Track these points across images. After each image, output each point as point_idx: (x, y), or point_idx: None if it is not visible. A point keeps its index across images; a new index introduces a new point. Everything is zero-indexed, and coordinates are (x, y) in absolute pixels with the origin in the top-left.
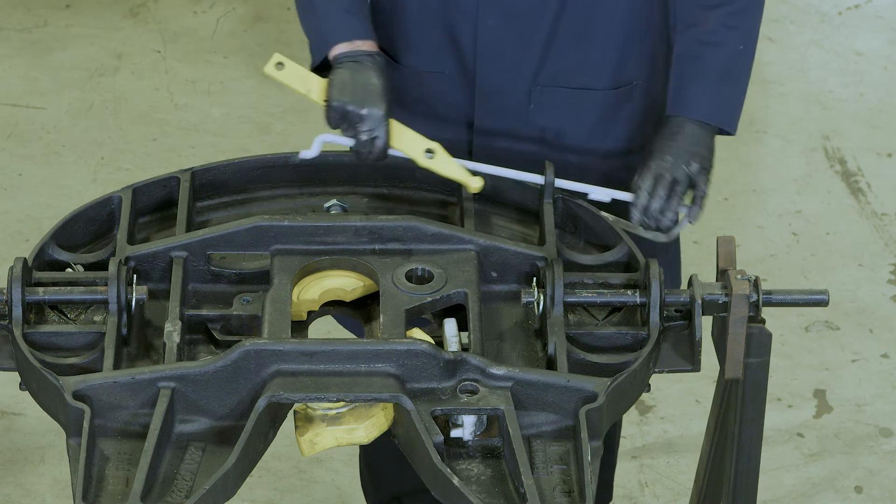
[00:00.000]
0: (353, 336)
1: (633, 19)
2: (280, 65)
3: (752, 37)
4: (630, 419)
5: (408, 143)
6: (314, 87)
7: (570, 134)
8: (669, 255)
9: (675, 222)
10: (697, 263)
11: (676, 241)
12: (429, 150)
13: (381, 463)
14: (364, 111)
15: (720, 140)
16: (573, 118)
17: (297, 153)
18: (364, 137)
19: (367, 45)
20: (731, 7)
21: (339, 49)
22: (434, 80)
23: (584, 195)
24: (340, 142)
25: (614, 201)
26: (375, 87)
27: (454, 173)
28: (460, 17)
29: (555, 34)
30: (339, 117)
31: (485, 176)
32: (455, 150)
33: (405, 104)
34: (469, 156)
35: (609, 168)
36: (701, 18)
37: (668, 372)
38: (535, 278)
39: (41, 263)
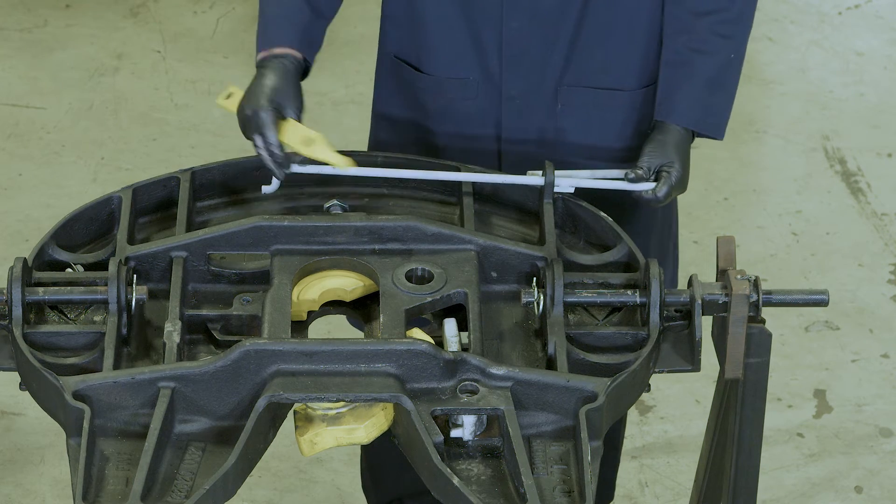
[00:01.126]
0: (357, 334)
1: (655, 18)
2: (231, 95)
3: (742, 45)
4: (630, 419)
5: (291, 135)
6: None
7: (598, 135)
8: (667, 255)
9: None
10: (697, 263)
11: (675, 241)
12: (308, 140)
13: (382, 465)
14: (249, 111)
15: (719, 141)
16: (600, 119)
17: (296, 153)
18: (257, 138)
19: (282, 50)
20: (722, 15)
21: (258, 56)
22: (458, 87)
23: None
24: (302, 170)
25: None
26: (265, 87)
27: (330, 159)
28: (483, 21)
29: (579, 34)
30: (242, 126)
31: (483, 181)
32: (483, 149)
33: (429, 113)
34: (498, 163)
35: (634, 157)
36: (691, 25)
37: (668, 372)
38: (535, 278)
39: (41, 263)
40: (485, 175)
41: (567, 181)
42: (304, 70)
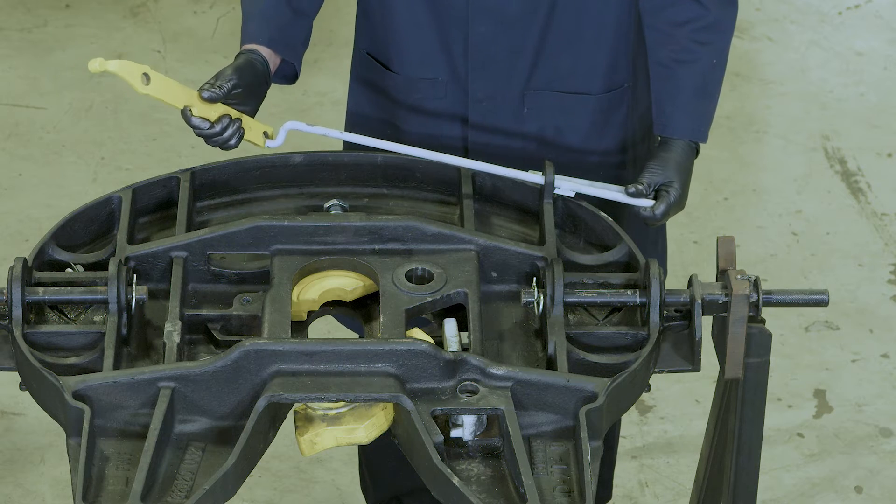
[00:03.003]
0: (353, 335)
1: (621, 22)
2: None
3: (724, 50)
4: (630, 419)
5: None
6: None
7: (565, 138)
8: (658, 246)
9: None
10: (697, 263)
11: (663, 231)
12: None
13: (380, 463)
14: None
15: (720, 140)
16: (567, 122)
17: (296, 153)
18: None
19: (253, 46)
20: (699, 23)
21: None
22: (427, 87)
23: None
24: (307, 130)
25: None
26: (228, 65)
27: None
28: (451, 25)
29: (545, 39)
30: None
31: (484, 175)
32: (451, 150)
33: (399, 112)
34: (465, 154)
35: (604, 166)
36: (671, 36)
37: (668, 372)
38: (535, 278)
39: (41, 263)
40: (485, 165)
41: (568, 184)
42: (290, 70)
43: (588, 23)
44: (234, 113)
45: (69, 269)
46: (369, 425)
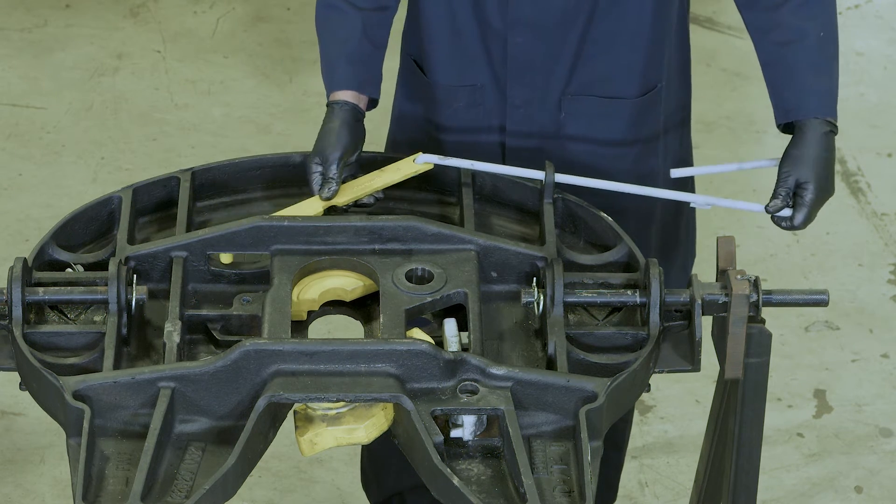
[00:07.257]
0: (354, 335)
1: (656, 25)
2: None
3: (830, 20)
4: None
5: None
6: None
7: (601, 139)
8: (677, 245)
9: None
10: (697, 263)
11: (692, 214)
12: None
13: (383, 460)
14: (317, 158)
15: (720, 140)
16: (604, 126)
17: (296, 153)
18: (316, 175)
19: (341, 95)
20: (796, 0)
21: (329, 101)
22: (467, 94)
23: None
24: (440, 162)
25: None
26: (327, 132)
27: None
28: (490, 34)
29: (583, 46)
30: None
31: (484, 175)
32: (488, 154)
33: (439, 118)
34: (502, 157)
35: (638, 162)
36: (772, 21)
37: (668, 372)
38: (535, 278)
39: (41, 263)
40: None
41: (702, 198)
42: (370, 103)
43: (625, 28)
44: (361, 191)
45: (69, 269)
46: (369, 425)
